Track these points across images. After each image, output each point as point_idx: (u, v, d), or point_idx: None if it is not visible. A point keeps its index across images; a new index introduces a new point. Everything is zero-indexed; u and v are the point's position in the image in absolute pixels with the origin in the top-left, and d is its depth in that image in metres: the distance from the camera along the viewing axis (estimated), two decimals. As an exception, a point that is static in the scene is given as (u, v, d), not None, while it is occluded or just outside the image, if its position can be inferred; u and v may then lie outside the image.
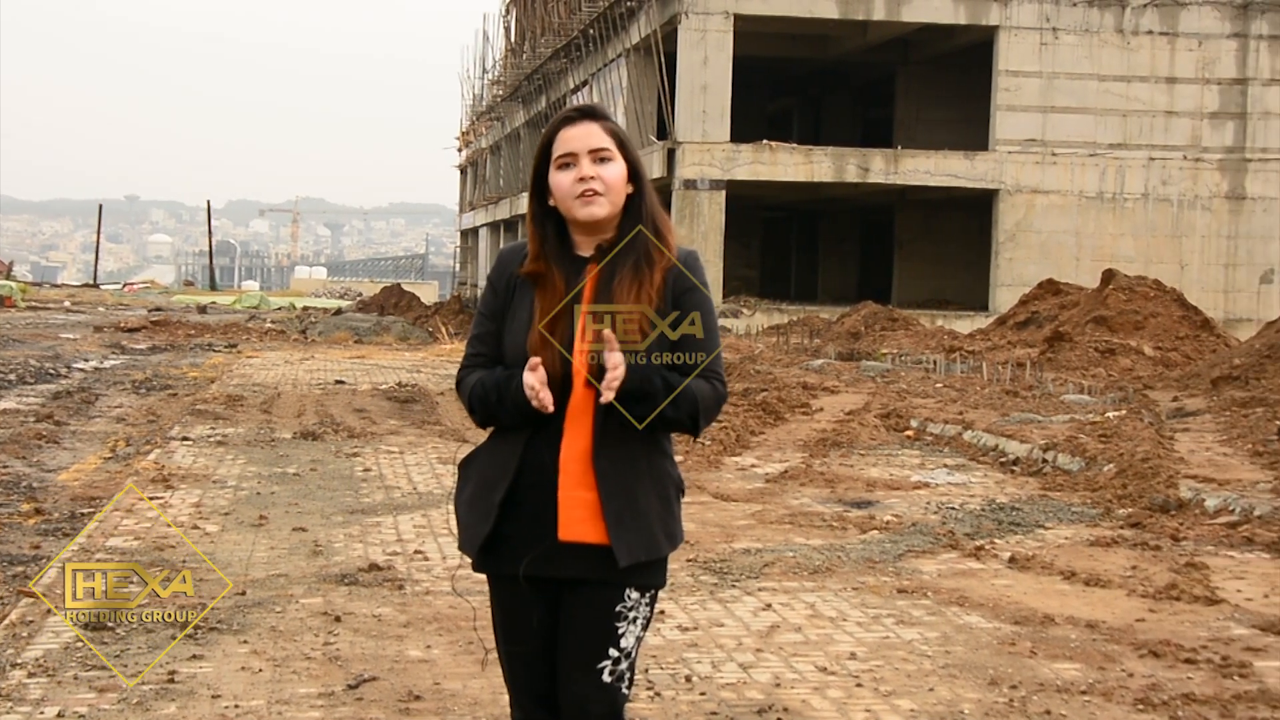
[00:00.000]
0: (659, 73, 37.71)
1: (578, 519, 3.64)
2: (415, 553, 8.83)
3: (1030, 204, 37.67)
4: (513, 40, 60.69)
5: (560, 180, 3.70)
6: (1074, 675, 6.35)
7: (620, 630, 3.68)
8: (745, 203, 42.13)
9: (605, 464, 3.63)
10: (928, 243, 44.62)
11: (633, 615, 3.70)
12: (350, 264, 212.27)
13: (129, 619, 6.90)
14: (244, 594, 7.60)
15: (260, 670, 6.23)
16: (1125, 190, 38.06)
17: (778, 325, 33.96)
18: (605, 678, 3.67)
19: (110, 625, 6.78)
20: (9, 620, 6.94)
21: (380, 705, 5.79)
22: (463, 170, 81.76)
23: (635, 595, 3.70)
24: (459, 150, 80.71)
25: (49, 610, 7.06)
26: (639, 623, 3.73)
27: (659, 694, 5.98)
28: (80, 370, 22.94)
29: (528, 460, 3.67)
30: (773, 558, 8.77)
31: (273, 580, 7.99)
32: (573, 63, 49.16)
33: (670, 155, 36.47)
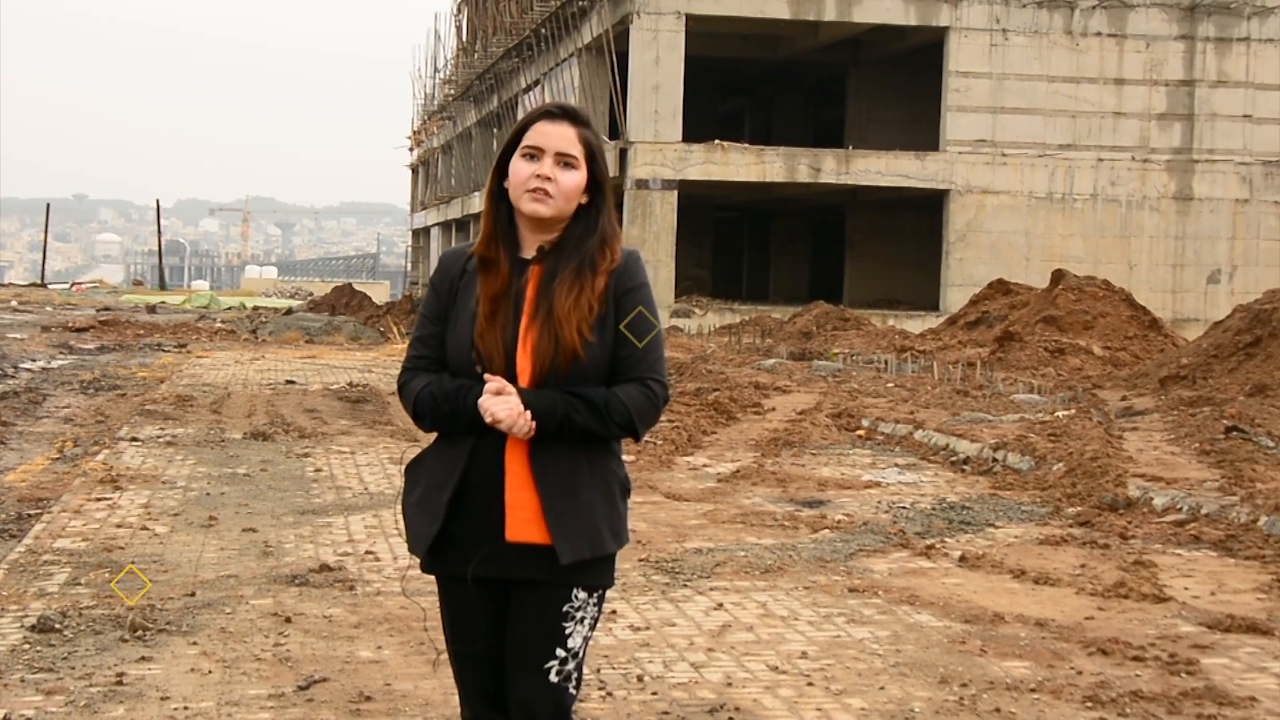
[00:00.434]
0: (611, 72, 37.71)
1: (523, 519, 3.64)
2: (366, 553, 8.80)
3: (980, 204, 37.86)
4: (464, 39, 60.60)
5: (519, 169, 3.71)
6: (1023, 673, 6.39)
7: (567, 630, 3.69)
8: (697, 203, 42.20)
9: (547, 464, 3.63)
10: (879, 243, 44.78)
11: (580, 615, 3.71)
12: (301, 263, 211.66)
13: (77, 621, 6.85)
14: (193, 595, 7.55)
15: (210, 671, 6.19)
16: (1074, 191, 38.30)
17: (730, 325, 34.01)
18: (552, 678, 3.67)
19: (58, 627, 6.72)
20: (-46, 623, 6.86)
21: (331, 706, 5.76)
22: (414, 169, 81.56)
23: (583, 595, 3.70)
24: (410, 149, 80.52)
25: (-5, 612, 7.00)
26: (586, 623, 3.73)
27: (611, 694, 5.98)
28: (27, 370, 22.73)
29: (475, 461, 3.67)
30: (724, 557, 8.78)
31: (222, 581, 7.94)
32: (524, 62, 49.09)
33: (622, 155, 36.47)
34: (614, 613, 7.24)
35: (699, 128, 40.59)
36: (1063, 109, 38.24)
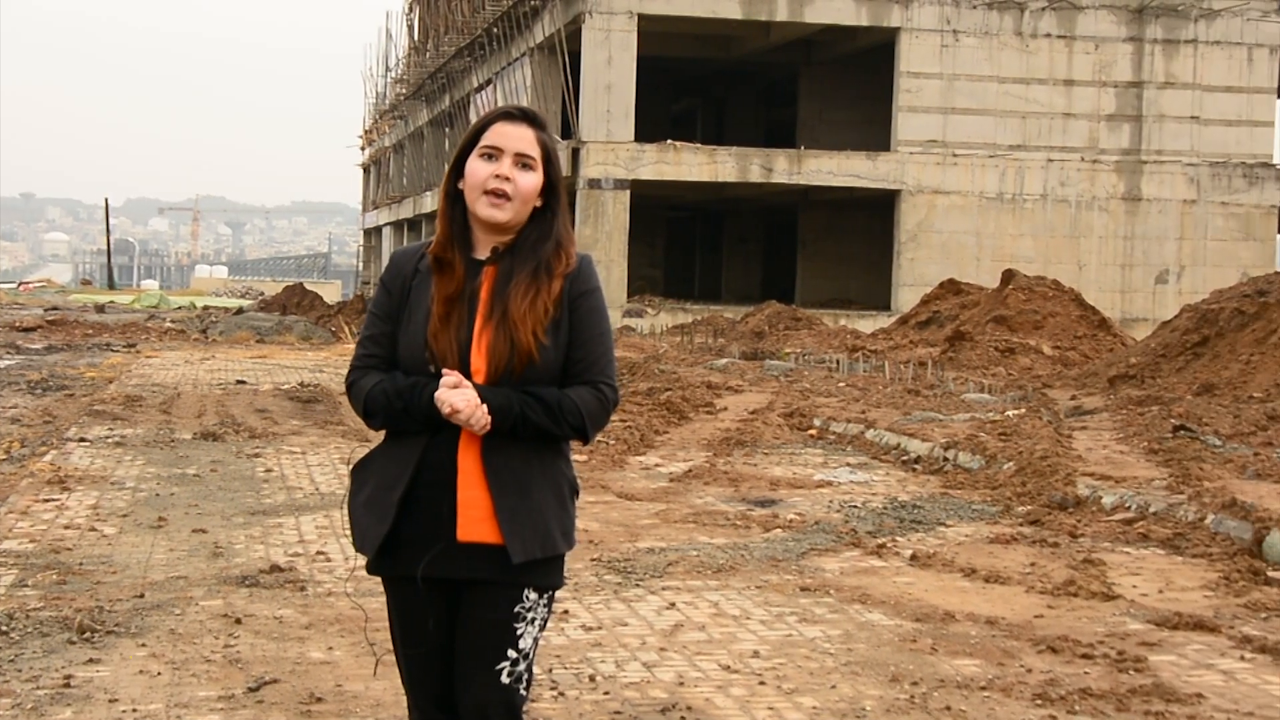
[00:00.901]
0: (563, 72, 37.71)
1: (475, 519, 3.63)
2: (317, 554, 8.76)
3: (931, 204, 38.05)
4: (416, 38, 60.46)
5: (476, 169, 3.70)
6: (974, 671, 6.42)
7: (519, 631, 3.68)
8: (649, 202, 42.22)
9: (499, 463, 3.63)
10: (831, 242, 44.94)
11: (531, 616, 3.70)
12: (252, 263, 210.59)
13: (24, 623, 6.79)
14: (142, 596, 7.50)
15: (159, 673, 6.15)
16: (1025, 191, 38.55)
17: (682, 325, 34.05)
18: (504, 679, 3.67)
19: (4, 630, 6.66)
20: (-101, 625, 6.79)
21: (281, 708, 5.73)
22: (366, 169, 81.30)
23: (534, 596, 3.70)
24: (362, 149, 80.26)
25: (-59, 615, 6.93)
26: (537, 624, 3.73)
27: (563, 694, 5.97)
28: (-26, 370, 22.51)
29: (428, 459, 3.66)
30: (676, 556, 8.78)
31: (172, 582, 7.89)
32: (476, 61, 49.01)
33: (575, 155, 36.47)
34: (566, 612, 7.22)
35: (651, 127, 40.63)
36: (1013, 110, 38.48)
